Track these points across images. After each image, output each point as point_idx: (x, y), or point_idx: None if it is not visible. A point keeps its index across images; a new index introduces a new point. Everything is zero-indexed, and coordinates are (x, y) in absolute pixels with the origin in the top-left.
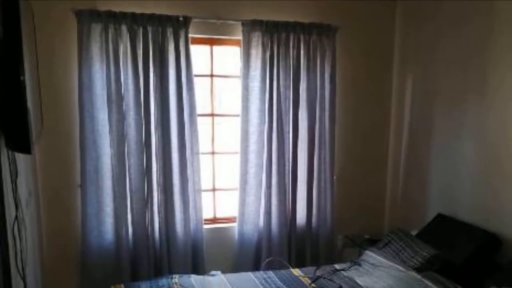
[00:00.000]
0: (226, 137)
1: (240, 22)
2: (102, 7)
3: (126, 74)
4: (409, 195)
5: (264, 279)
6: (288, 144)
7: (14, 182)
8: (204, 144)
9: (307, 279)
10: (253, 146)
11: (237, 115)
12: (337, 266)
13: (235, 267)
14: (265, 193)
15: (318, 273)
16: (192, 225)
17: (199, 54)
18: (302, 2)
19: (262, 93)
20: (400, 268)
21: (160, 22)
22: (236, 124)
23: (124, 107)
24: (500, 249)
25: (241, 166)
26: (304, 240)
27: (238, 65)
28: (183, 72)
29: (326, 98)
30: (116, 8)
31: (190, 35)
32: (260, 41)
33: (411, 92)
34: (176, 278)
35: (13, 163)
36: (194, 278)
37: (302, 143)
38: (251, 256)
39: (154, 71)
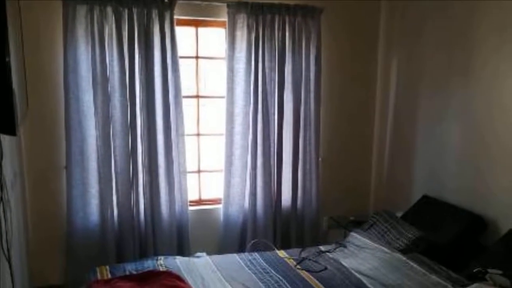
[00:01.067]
0: (211, 118)
1: (225, 4)
2: None
3: (111, 55)
4: (394, 176)
5: (249, 260)
6: (273, 126)
7: None
8: (189, 126)
9: (292, 260)
10: (238, 128)
11: (222, 97)
12: (322, 248)
13: (220, 248)
14: (250, 174)
15: (303, 254)
16: (177, 207)
17: (184, 35)
18: None
19: (247, 75)
20: (385, 249)
21: (145, 3)
22: (221, 105)
23: (109, 88)
24: (485, 231)
25: (226, 148)
26: (289, 221)
27: (223, 47)
28: (168, 54)
29: (311, 80)
30: None
31: (175, 17)
32: (245, 23)
33: (396, 74)
34: (161, 260)
35: None
36: (179, 259)
37: (287, 124)
38: (236, 237)
39: (139, 53)
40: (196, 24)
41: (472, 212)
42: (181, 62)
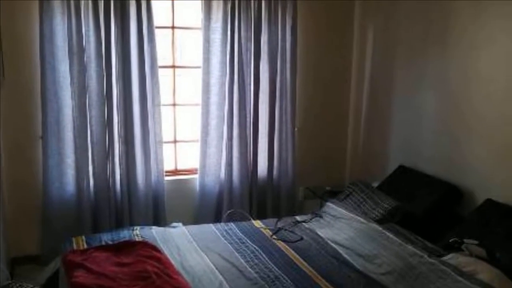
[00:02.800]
0: (187, 89)
1: None
2: None
3: (87, 26)
4: (370, 146)
5: (226, 230)
6: (249, 96)
7: None
8: (165, 96)
9: (268, 231)
10: (214, 98)
11: (198, 67)
12: (298, 218)
13: (196, 219)
14: (226, 145)
15: (279, 225)
16: (153, 177)
17: (160, 6)
18: None
19: (223, 45)
20: (361, 220)
21: None
22: (197, 76)
23: (85, 59)
24: (461, 201)
25: (202, 118)
26: (265, 192)
27: (200, 17)
28: (144, 24)
29: (287, 50)
30: None
31: None
32: None
33: (372, 43)
34: (137, 230)
35: None
36: (155, 229)
37: (264, 94)
38: (212, 208)
39: (115, 23)
40: None
41: (448, 182)
42: (157, 32)
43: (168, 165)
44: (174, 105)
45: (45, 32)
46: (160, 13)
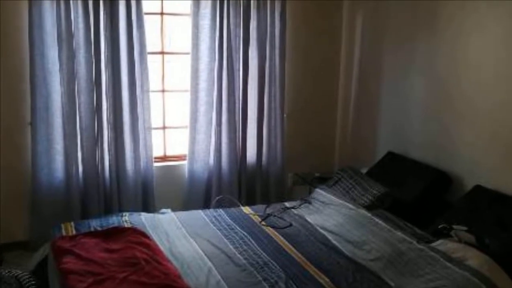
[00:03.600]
0: (176, 75)
1: None
2: None
3: (76, 12)
4: (359, 133)
5: (214, 217)
6: (238, 82)
7: None
8: (154, 82)
9: (257, 217)
10: (203, 84)
11: (187, 53)
12: (287, 204)
13: (185, 205)
14: (215, 131)
15: (268, 211)
16: (142, 163)
17: None
18: None
19: (212, 31)
20: (350, 206)
21: None
22: (186, 62)
23: (74, 45)
24: (450, 187)
25: (191, 104)
26: (254, 178)
27: (188, 3)
28: (133, 10)
29: (276, 36)
30: None
31: None
32: None
33: (361, 29)
34: (126, 216)
35: None
36: (144, 216)
37: (253, 81)
38: (201, 194)
39: (104, 9)
40: None
41: (437, 168)
42: (146, 18)
43: (157, 151)
44: (163, 91)
45: (34, 18)
46: None
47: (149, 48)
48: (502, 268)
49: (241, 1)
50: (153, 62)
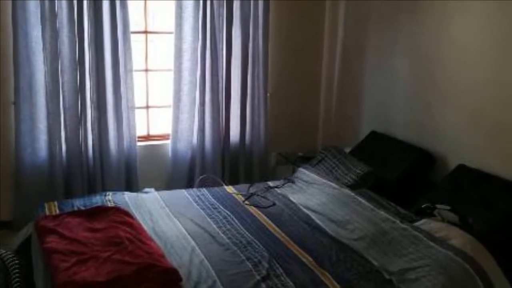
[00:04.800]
0: (160, 54)
1: None
2: None
3: None
4: (342, 112)
5: (198, 196)
6: (221, 62)
7: None
8: (137, 62)
9: (240, 196)
10: (186, 64)
11: (171, 33)
12: (270, 184)
13: (169, 184)
14: (198, 110)
15: (252, 190)
16: (125, 142)
17: None
18: None
19: (195, 11)
20: (334, 185)
21: None
22: (169, 41)
23: (57, 24)
24: (433, 166)
25: (175, 84)
26: (237, 157)
27: None
28: None
29: (259, 16)
30: None
31: None
32: None
33: (345, 9)
34: (109, 196)
35: None
36: (127, 195)
37: (236, 60)
38: (184, 173)
39: None
40: None
41: (421, 147)
42: None
43: (140, 131)
44: (146, 70)
45: None
46: None
47: (132, 28)
48: (485, 247)
49: None
50: (136, 42)
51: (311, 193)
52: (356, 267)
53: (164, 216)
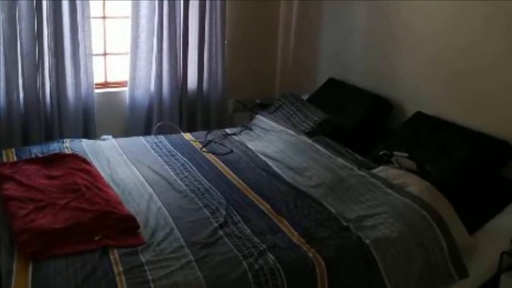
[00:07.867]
0: (117, 1)
1: None
2: None
3: None
4: (300, 59)
5: (155, 143)
6: (179, 8)
7: None
8: (95, 8)
9: (198, 143)
10: (144, 11)
11: None
12: (228, 131)
13: (126, 131)
14: (156, 57)
15: (209, 137)
16: (83, 90)
17: None
18: None
19: None
20: (291, 132)
21: None
22: None
23: None
24: (391, 114)
25: (132, 31)
26: (195, 104)
27: None
28: None
29: None
30: None
31: None
32: None
33: None
34: (67, 143)
35: None
36: (85, 142)
37: (193, 7)
38: (142, 120)
39: None
40: None
41: (378, 95)
42: None
43: (98, 78)
44: (104, 17)
45: None
46: None
47: None
48: (443, 194)
49: None
50: None
51: (269, 140)
52: (314, 214)
53: (122, 163)
